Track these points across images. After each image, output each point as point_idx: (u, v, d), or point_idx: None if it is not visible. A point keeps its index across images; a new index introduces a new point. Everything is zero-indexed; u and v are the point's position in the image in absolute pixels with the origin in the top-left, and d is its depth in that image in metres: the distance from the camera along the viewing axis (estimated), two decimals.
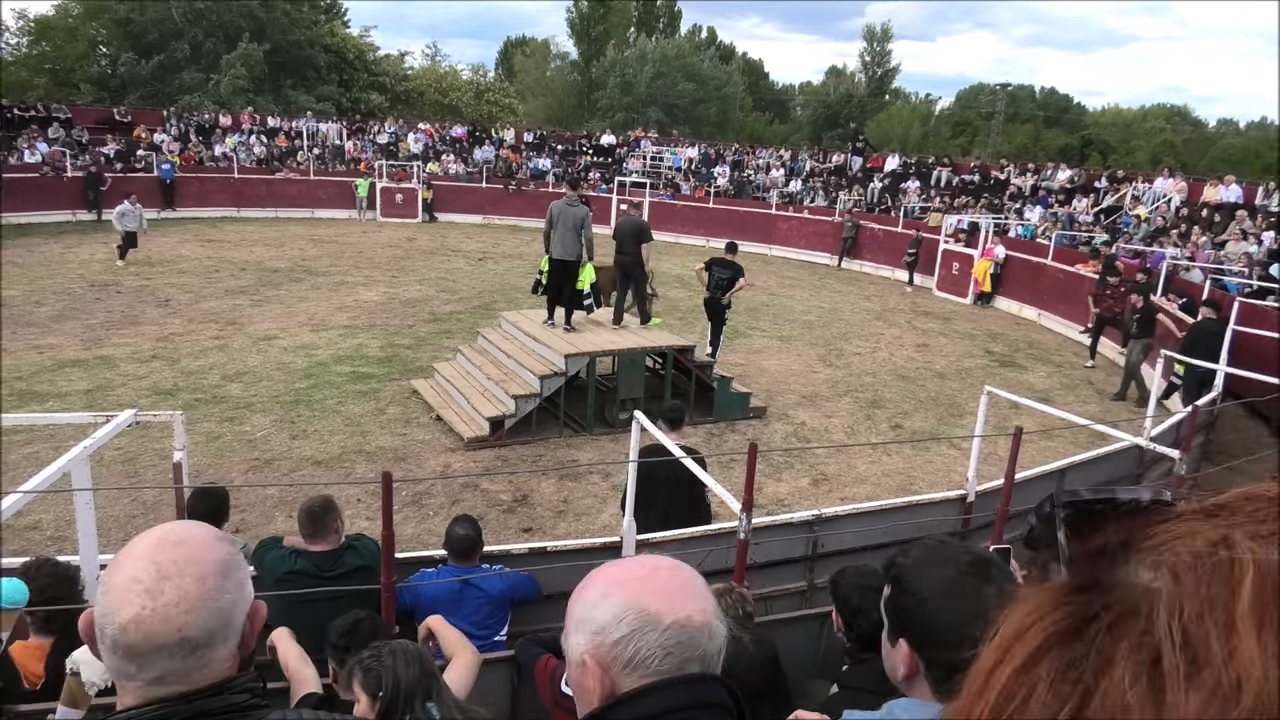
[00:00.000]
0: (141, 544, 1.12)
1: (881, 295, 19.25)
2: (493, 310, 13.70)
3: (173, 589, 1.06)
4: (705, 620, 1.07)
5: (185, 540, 1.12)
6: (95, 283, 15.12)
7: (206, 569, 1.09)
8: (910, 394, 11.64)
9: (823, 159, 29.35)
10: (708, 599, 1.10)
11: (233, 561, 1.14)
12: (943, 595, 1.30)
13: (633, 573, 1.12)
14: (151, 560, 1.08)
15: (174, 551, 1.09)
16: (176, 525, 1.17)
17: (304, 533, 3.74)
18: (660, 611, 1.05)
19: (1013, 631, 0.45)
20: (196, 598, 1.07)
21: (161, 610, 1.05)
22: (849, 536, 4.83)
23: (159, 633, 1.04)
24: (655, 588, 1.08)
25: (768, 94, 64.38)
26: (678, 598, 1.07)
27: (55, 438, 7.77)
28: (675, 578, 1.11)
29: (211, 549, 1.12)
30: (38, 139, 23.81)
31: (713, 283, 10.97)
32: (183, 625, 1.05)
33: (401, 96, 44.22)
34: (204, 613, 1.07)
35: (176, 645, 1.05)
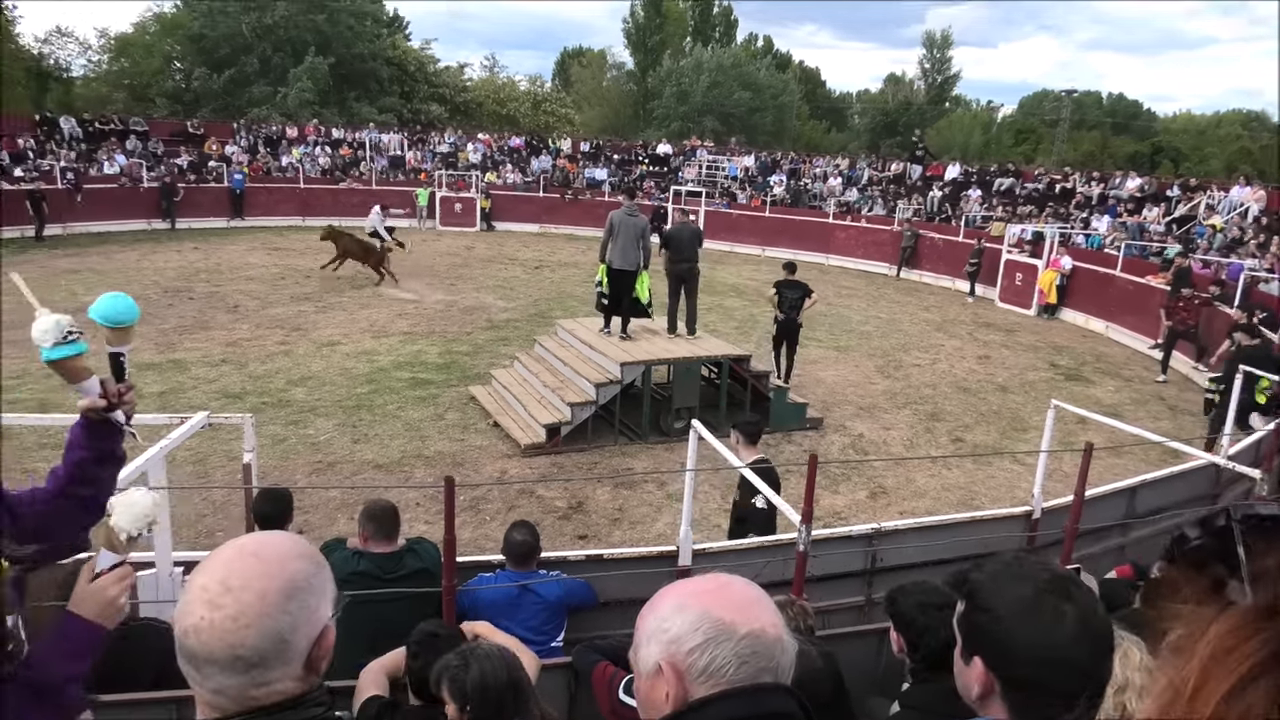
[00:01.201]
0: (224, 551, 1.12)
1: (941, 306, 18.91)
2: (549, 318, 13.81)
3: (232, 602, 1.05)
4: (778, 634, 1.08)
5: (260, 554, 1.10)
6: (169, 289, 15.66)
7: (270, 586, 1.06)
8: (971, 407, 11.40)
9: (881, 167, 28.98)
10: (778, 615, 1.11)
11: (304, 583, 1.10)
12: (1020, 613, 1.27)
13: (706, 586, 1.14)
14: (223, 570, 1.07)
15: (245, 564, 1.08)
16: (262, 536, 1.16)
17: (367, 534, 3.81)
18: (735, 622, 1.06)
19: (1213, 654, 0.44)
20: (254, 615, 1.04)
21: (218, 623, 1.04)
22: (909, 551, 4.74)
23: (212, 646, 1.04)
24: (729, 600, 1.09)
25: (824, 102, 63.83)
26: (751, 610, 1.08)
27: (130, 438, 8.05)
28: (748, 592, 1.12)
29: (283, 567, 1.09)
30: (116, 151, 24.77)
31: (786, 305, 10.90)
32: (235, 643, 1.04)
33: (461, 107, 44.97)
34: (259, 631, 1.04)
35: (229, 661, 1.04)
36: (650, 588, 3.96)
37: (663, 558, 4.45)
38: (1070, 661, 1.23)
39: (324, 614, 1.12)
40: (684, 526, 4.52)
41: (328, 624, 1.12)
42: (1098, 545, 5.27)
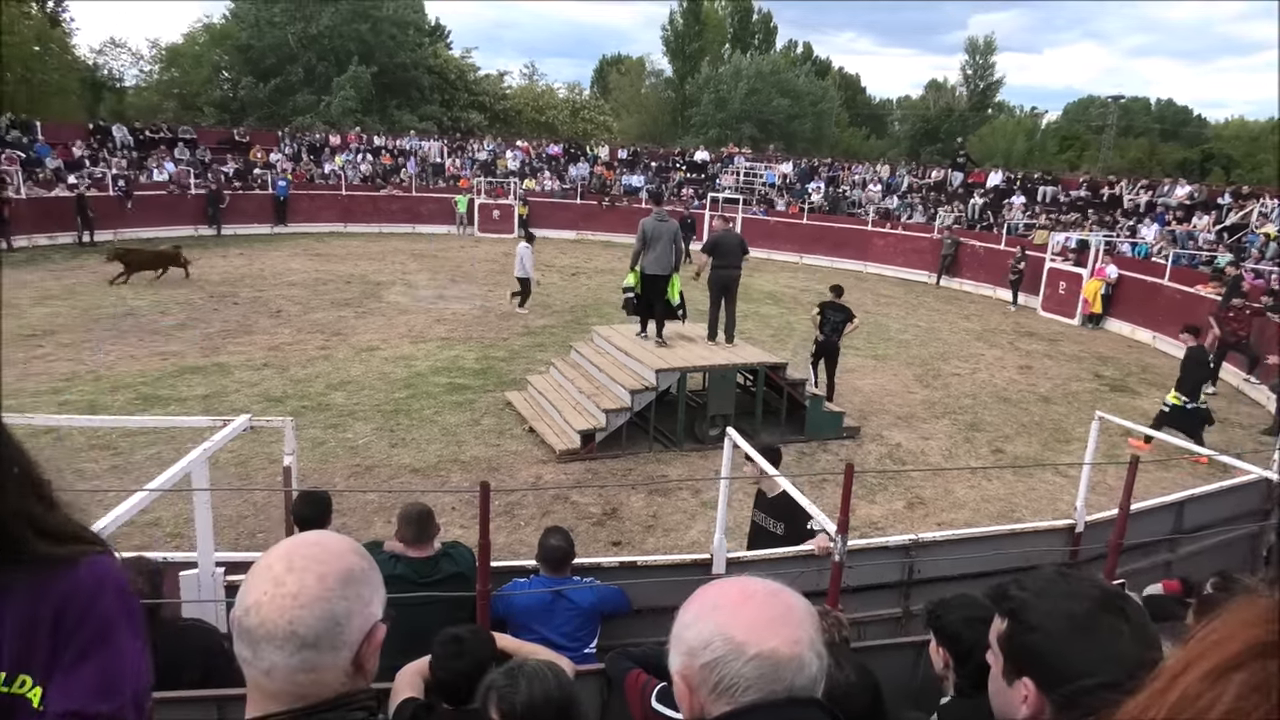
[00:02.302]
0: (285, 543, 1.18)
1: (982, 314, 18.64)
2: (585, 324, 13.86)
3: (294, 581, 1.09)
4: (794, 653, 1.05)
5: (320, 543, 1.16)
6: (214, 294, 15.99)
7: (329, 570, 1.11)
8: (1012, 417, 11.20)
9: (922, 174, 28.69)
10: (802, 631, 1.08)
11: (360, 575, 1.15)
12: (1074, 631, 1.23)
13: (727, 598, 1.11)
14: (286, 554, 1.13)
15: (307, 550, 1.14)
16: (321, 533, 1.22)
17: (404, 538, 3.84)
18: (745, 642, 1.04)
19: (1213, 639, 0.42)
20: (312, 595, 1.09)
21: (279, 598, 1.08)
22: (947, 563, 4.66)
23: (272, 620, 1.07)
24: (745, 617, 1.07)
25: (864, 109, 63.40)
26: (766, 629, 1.06)
27: (175, 440, 8.24)
28: (768, 607, 1.09)
29: (341, 557, 1.14)
30: (165, 159, 25.39)
31: (828, 326, 10.83)
32: (294, 618, 1.07)
33: (500, 115, 45.43)
34: (316, 610, 1.08)
35: (286, 638, 1.07)
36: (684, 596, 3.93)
37: (696, 565, 4.43)
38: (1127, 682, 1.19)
39: (375, 610, 1.16)
40: (718, 534, 4.50)
41: (378, 622, 1.16)
42: (1144, 560, 5.14)
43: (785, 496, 5.04)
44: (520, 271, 15.44)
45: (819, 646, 1.09)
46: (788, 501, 4.99)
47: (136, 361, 11.44)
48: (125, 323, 13.52)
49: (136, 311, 14.29)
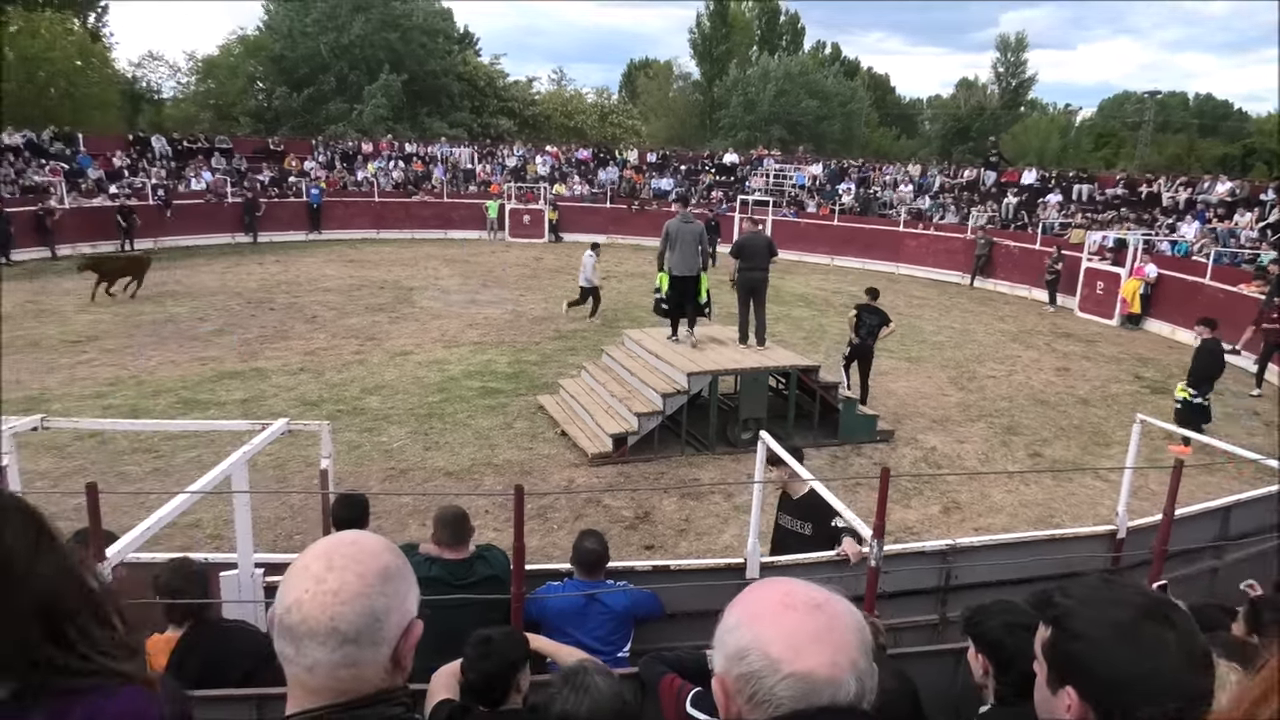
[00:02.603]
0: (323, 542, 1.20)
1: (1018, 315, 18.39)
2: (616, 328, 13.88)
3: (335, 579, 1.12)
4: (831, 675, 1.01)
5: (358, 542, 1.19)
6: (251, 300, 16.25)
7: (368, 568, 1.14)
8: (1050, 420, 11.03)
9: (953, 174, 28.38)
10: (843, 652, 1.03)
11: (396, 572, 1.17)
12: (1118, 640, 1.20)
13: (767, 607, 1.08)
14: (325, 553, 1.16)
15: (345, 549, 1.16)
16: (357, 533, 1.24)
17: (439, 540, 3.87)
18: (780, 659, 1.01)
19: None
20: (353, 592, 1.11)
21: (320, 595, 1.11)
22: (985, 569, 4.59)
23: (314, 617, 1.10)
24: (783, 631, 1.04)
25: (894, 109, 62.91)
26: (805, 647, 1.02)
27: (215, 443, 8.38)
28: (809, 622, 1.04)
29: (378, 556, 1.17)
30: (203, 168, 25.86)
31: (864, 329, 10.76)
32: (335, 615, 1.10)
33: (529, 121, 45.68)
34: (356, 606, 1.11)
35: (327, 634, 1.10)
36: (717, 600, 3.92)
37: (730, 570, 4.41)
38: (1172, 691, 1.17)
39: (411, 607, 1.18)
40: (751, 539, 4.48)
41: (414, 619, 1.19)
42: (1190, 567, 5.03)
43: (811, 496, 5.01)
44: (584, 280, 15.42)
45: (863, 666, 1.04)
46: (813, 501, 4.96)
47: (177, 367, 11.66)
48: (166, 329, 13.78)
49: (176, 318, 14.56)
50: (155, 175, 24.66)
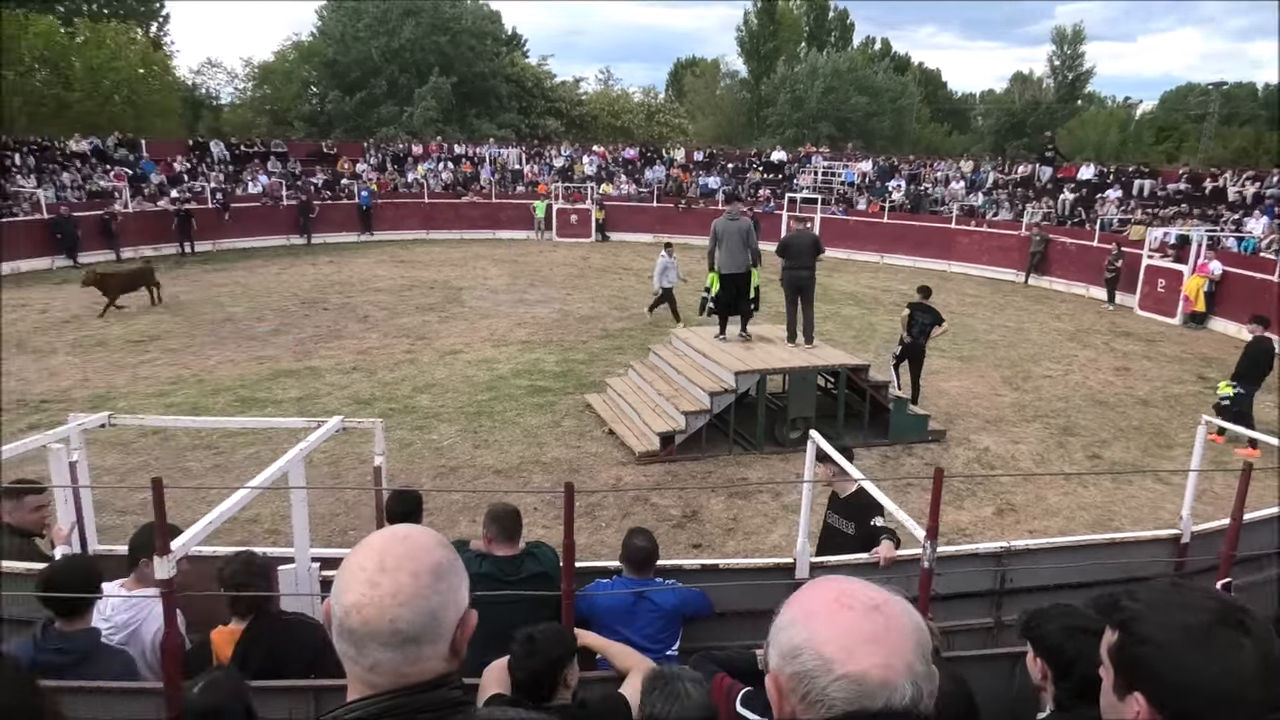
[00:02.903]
0: (374, 538, 1.21)
1: (1074, 314, 17.95)
2: (663, 327, 13.88)
3: (390, 581, 1.12)
4: (886, 678, 0.98)
5: (408, 540, 1.19)
6: (305, 300, 16.60)
7: (421, 567, 1.15)
8: (1109, 421, 10.75)
9: (1007, 170, 27.80)
10: (899, 655, 1.00)
11: (448, 566, 1.18)
12: (1190, 645, 1.16)
13: (823, 605, 1.05)
14: (378, 553, 1.16)
15: (397, 547, 1.17)
16: (405, 527, 1.25)
17: (490, 536, 3.91)
18: (834, 660, 0.99)
19: None
20: (409, 593, 1.12)
21: (377, 600, 1.12)
22: (1042, 573, 4.49)
23: (374, 621, 1.11)
24: (838, 631, 1.01)
25: (945, 104, 61.83)
26: (859, 648, 0.99)
27: (271, 440, 8.58)
28: (865, 623, 1.02)
29: (430, 552, 1.18)
30: (259, 172, 26.50)
31: (916, 328, 10.62)
32: (395, 617, 1.11)
33: (576, 121, 45.92)
34: (414, 608, 1.12)
35: (389, 635, 1.11)
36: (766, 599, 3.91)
37: (779, 569, 4.37)
38: (1247, 698, 1.12)
39: (464, 598, 1.20)
40: (801, 539, 4.44)
41: (467, 610, 1.20)
42: (1258, 574, 4.86)
43: (856, 495, 4.98)
44: (660, 283, 15.17)
45: (920, 669, 1.01)
46: (858, 501, 4.94)
47: (235, 366, 11.96)
48: (224, 329, 14.15)
49: (234, 318, 14.94)
50: (214, 179, 25.34)
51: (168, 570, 2.87)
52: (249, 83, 43.28)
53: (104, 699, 3.09)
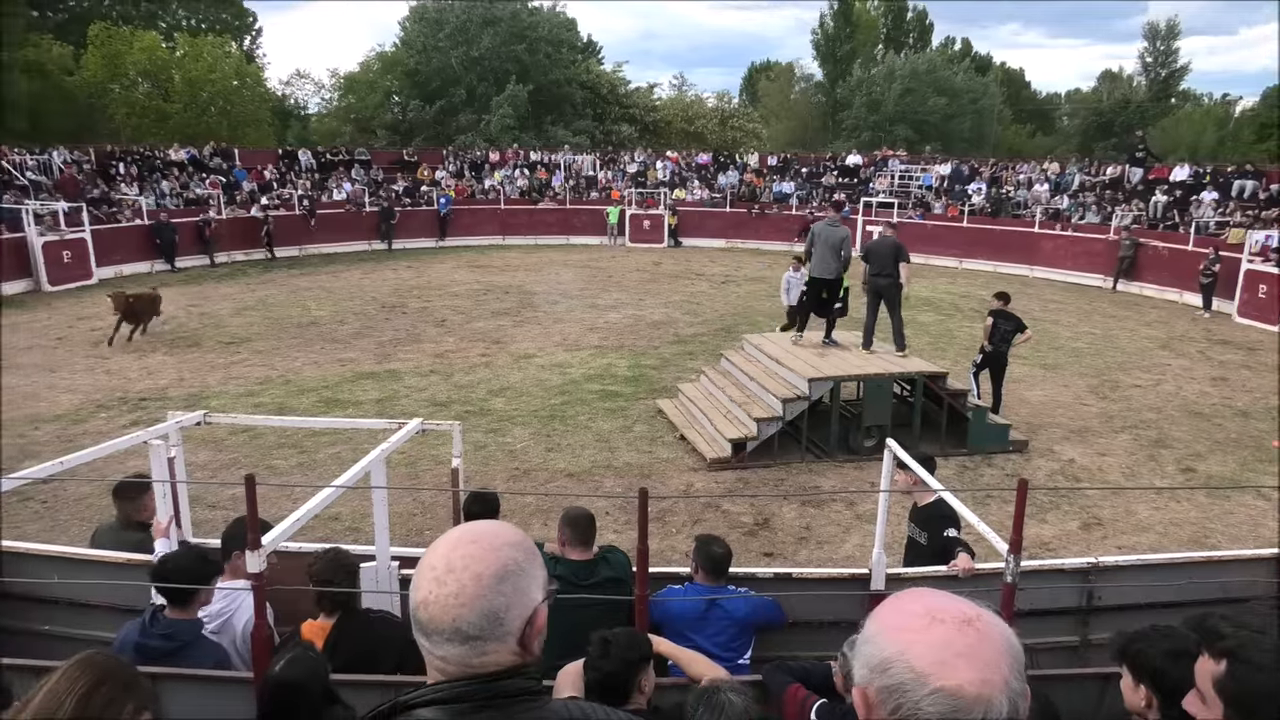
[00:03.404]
0: (451, 534, 1.26)
1: (1167, 321, 17.19)
2: (735, 333, 13.81)
3: (454, 582, 1.17)
4: (980, 693, 0.96)
5: (478, 540, 1.23)
6: (386, 304, 17.06)
7: (486, 569, 1.19)
8: (1205, 433, 10.26)
9: (1095, 171, 26.80)
10: (994, 669, 0.98)
11: (515, 568, 1.21)
12: None
13: (913, 619, 1.04)
14: (447, 552, 1.21)
15: (465, 548, 1.21)
16: (480, 525, 1.29)
17: (565, 540, 3.95)
18: (926, 673, 0.98)
19: None
20: (471, 595, 1.17)
21: (441, 599, 1.17)
22: (1133, 591, 4.31)
23: (438, 619, 1.17)
24: (930, 643, 1.00)
25: (1029, 104, 60.03)
26: (952, 662, 0.98)
27: (352, 440, 8.84)
28: (958, 637, 1.00)
29: (497, 553, 1.21)
30: (344, 179, 27.34)
31: (998, 336, 10.35)
32: (456, 617, 1.16)
33: (650, 127, 46.09)
34: (476, 609, 1.16)
35: (452, 633, 1.17)
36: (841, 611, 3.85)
37: (854, 580, 4.30)
38: None
39: (534, 596, 1.22)
40: (877, 549, 4.36)
41: (539, 606, 1.22)
42: None
43: (932, 506, 4.89)
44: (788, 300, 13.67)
45: (1015, 686, 0.99)
46: (933, 510, 4.88)
47: (319, 367, 12.37)
48: (310, 332, 14.64)
49: (319, 321, 15.45)
50: (301, 186, 26.25)
51: (258, 564, 2.99)
52: (335, 93, 44.75)
53: (196, 685, 3.24)
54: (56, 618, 4.14)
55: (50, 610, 4.15)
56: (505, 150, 32.43)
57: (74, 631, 4.05)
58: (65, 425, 9.81)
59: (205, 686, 3.25)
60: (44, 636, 4.06)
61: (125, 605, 3.97)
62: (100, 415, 10.20)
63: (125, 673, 1.83)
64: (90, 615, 4.11)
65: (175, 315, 15.75)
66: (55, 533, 7.04)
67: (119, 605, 4.01)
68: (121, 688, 1.75)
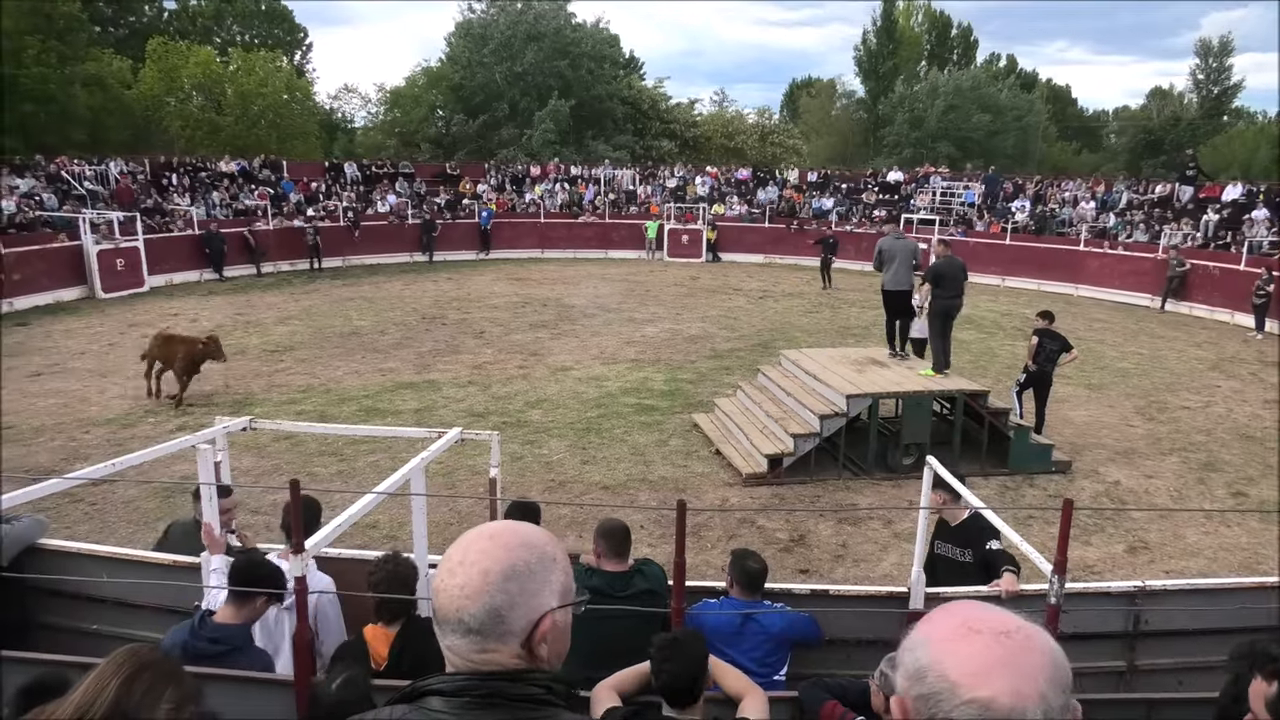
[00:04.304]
0: (474, 530, 1.28)
1: (1217, 342, 16.77)
2: (772, 348, 13.75)
3: (463, 574, 1.20)
4: (1014, 704, 0.95)
5: (496, 537, 1.25)
6: (426, 315, 17.27)
7: (495, 565, 1.20)
8: (1257, 457, 9.97)
9: (1143, 189, 26.31)
10: (1030, 681, 0.96)
11: (524, 570, 1.21)
12: None
13: (951, 630, 1.04)
14: (464, 547, 1.24)
15: (482, 544, 1.23)
16: (506, 524, 1.30)
17: (601, 552, 3.96)
18: (959, 684, 0.97)
19: None
20: (476, 589, 1.18)
21: (449, 589, 1.20)
22: (1181, 615, 4.20)
23: (445, 608, 1.20)
24: (966, 654, 0.99)
25: (1074, 121, 59.17)
26: (987, 673, 0.97)
27: (391, 449, 8.95)
28: (995, 647, 0.99)
29: (509, 552, 1.22)
30: (388, 192, 27.79)
31: (1043, 356, 10.21)
32: (460, 608, 1.18)
33: (690, 142, 46.21)
34: (479, 603, 1.18)
35: (455, 623, 1.19)
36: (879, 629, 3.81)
37: (892, 598, 4.25)
38: None
39: (544, 601, 1.22)
40: (915, 568, 4.30)
41: (551, 612, 1.22)
42: None
43: (970, 521, 4.80)
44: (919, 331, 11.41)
45: (1053, 700, 0.97)
46: (971, 524, 4.78)
47: (360, 377, 12.55)
48: (351, 341, 14.87)
49: (360, 331, 15.69)
50: (346, 198, 26.74)
51: (301, 568, 3.03)
52: (380, 107, 45.55)
53: (237, 686, 3.29)
54: (105, 616, 4.24)
55: (99, 609, 4.25)
56: (546, 164, 32.73)
57: (122, 630, 4.14)
58: (115, 429, 10.06)
59: (246, 688, 3.30)
60: (92, 635, 4.16)
61: (172, 606, 4.05)
62: (149, 420, 10.44)
63: (167, 665, 1.87)
64: (138, 615, 4.20)
65: (222, 324, 16.09)
66: (105, 534, 7.22)
67: (166, 605, 4.10)
68: (163, 677, 1.79)
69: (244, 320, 16.56)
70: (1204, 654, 3.94)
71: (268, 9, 44.47)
